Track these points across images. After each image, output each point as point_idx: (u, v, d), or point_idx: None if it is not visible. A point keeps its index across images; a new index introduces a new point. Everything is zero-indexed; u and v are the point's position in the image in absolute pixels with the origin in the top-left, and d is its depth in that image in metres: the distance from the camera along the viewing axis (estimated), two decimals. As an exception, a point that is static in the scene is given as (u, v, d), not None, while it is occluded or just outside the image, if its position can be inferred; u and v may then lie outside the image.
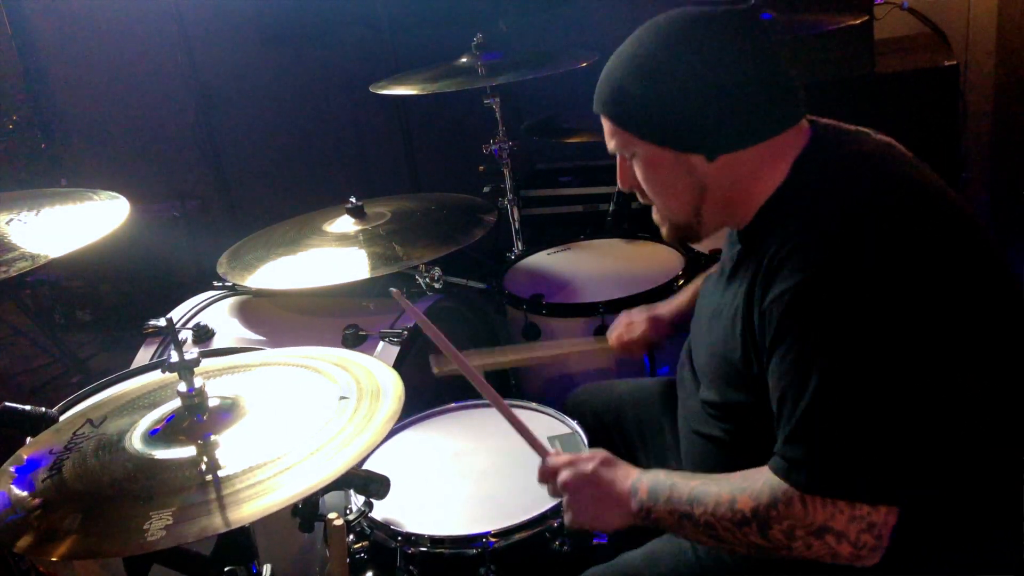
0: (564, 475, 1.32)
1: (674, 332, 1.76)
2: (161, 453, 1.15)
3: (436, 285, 2.31)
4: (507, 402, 1.84)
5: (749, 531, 1.12)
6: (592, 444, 1.65)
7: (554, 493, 1.35)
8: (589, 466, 1.31)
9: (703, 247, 2.39)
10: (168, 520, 1.01)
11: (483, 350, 1.94)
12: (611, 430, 1.73)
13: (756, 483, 1.13)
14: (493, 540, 1.43)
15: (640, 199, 1.33)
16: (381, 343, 1.94)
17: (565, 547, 1.45)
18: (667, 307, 1.80)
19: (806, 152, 1.20)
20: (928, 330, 1.05)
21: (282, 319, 2.24)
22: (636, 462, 1.64)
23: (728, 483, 1.17)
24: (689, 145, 1.20)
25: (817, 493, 1.07)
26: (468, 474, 1.63)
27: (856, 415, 1.04)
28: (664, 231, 1.34)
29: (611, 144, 1.29)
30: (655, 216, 1.34)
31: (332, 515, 1.22)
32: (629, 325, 1.79)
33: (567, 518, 1.32)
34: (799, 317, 1.07)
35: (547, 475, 1.36)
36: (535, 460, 1.61)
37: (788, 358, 1.08)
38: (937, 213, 1.13)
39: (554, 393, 2.24)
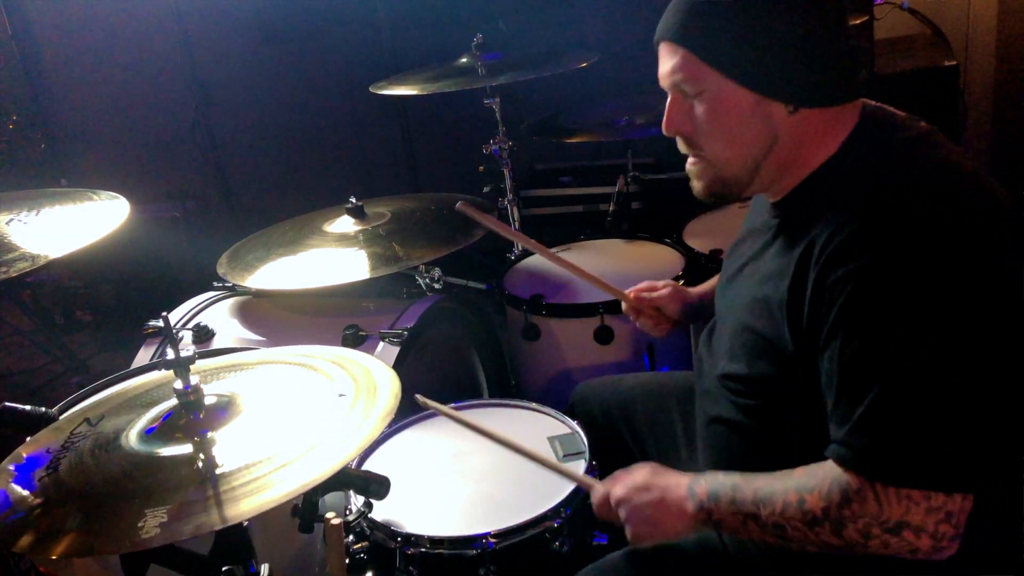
0: (617, 492, 1.30)
1: (694, 314, 1.71)
2: (158, 451, 1.15)
3: (436, 285, 2.31)
4: (507, 402, 1.85)
5: (822, 531, 1.10)
6: (598, 441, 1.65)
7: (615, 517, 1.31)
8: (639, 477, 1.30)
9: (703, 247, 2.40)
10: (163, 517, 1.01)
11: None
12: (619, 425, 1.72)
13: (823, 481, 1.10)
14: (493, 541, 1.42)
15: (683, 147, 1.25)
16: (381, 343, 1.94)
17: (565, 548, 1.45)
18: (695, 289, 1.74)
19: (857, 131, 1.18)
20: (985, 319, 1.04)
21: (282, 319, 2.24)
22: (646, 456, 1.64)
23: (793, 481, 1.14)
24: (776, 90, 1.14)
25: (891, 483, 1.04)
26: (468, 474, 1.63)
27: (927, 403, 1.03)
28: (700, 185, 1.26)
29: (676, 77, 1.19)
30: (693, 168, 1.26)
31: (331, 515, 1.22)
32: (652, 286, 1.73)
33: (629, 534, 1.29)
34: (865, 304, 1.05)
35: (602, 502, 1.33)
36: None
37: (851, 345, 1.06)
38: (988, 202, 1.12)
39: (554, 393, 2.24)
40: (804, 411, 1.16)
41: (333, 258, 2.01)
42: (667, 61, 1.20)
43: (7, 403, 1.47)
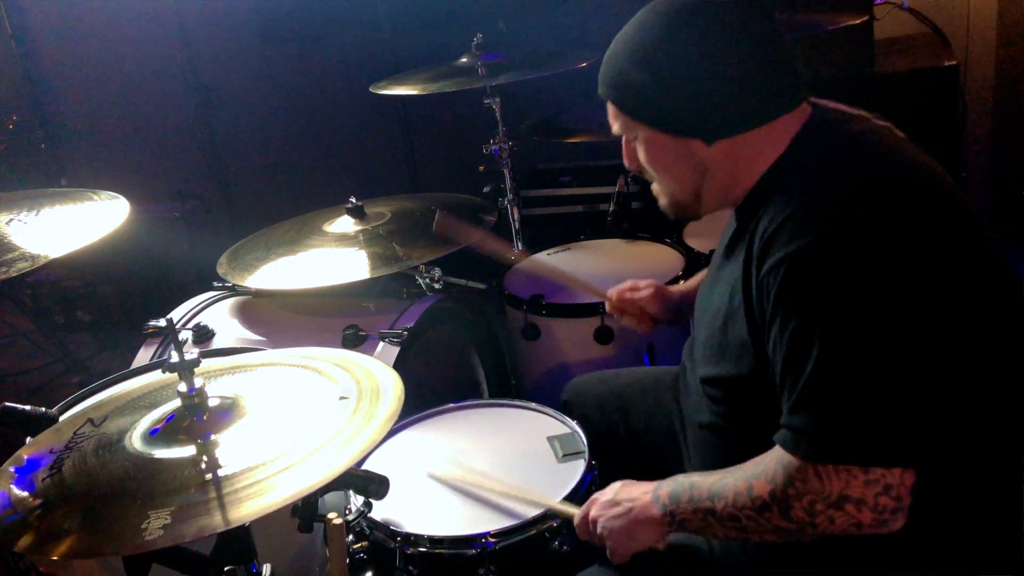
0: (592, 512, 1.35)
1: (677, 312, 1.74)
2: (161, 453, 1.15)
3: (436, 285, 2.31)
4: (507, 402, 1.85)
5: (771, 516, 1.12)
6: (593, 435, 1.65)
7: (596, 537, 1.35)
8: (609, 493, 1.34)
9: (703, 247, 2.40)
10: (166, 519, 1.01)
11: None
12: (615, 419, 1.72)
13: (768, 466, 1.13)
14: (492, 540, 1.43)
15: (645, 176, 1.35)
16: (381, 343, 1.94)
17: (564, 548, 1.45)
18: (677, 287, 1.79)
19: (803, 131, 1.21)
20: (921, 295, 1.05)
21: (282, 319, 2.24)
22: (642, 450, 1.65)
23: (742, 472, 1.17)
24: (688, 130, 1.22)
25: (828, 461, 1.07)
26: (468, 476, 1.63)
27: (858, 379, 1.05)
28: (663, 204, 1.36)
29: (615, 127, 1.31)
30: (655, 190, 1.36)
31: (331, 515, 1.22)
32: (634, 288, 1.78)
33: (610, 554, 1.32)
34: (797, 285, 1.08)
35: (582, 526, 1.38)
36: (535, 460, 1.62)
37: (788, 327, 1.09)
38: (929, 187, 1.14)
39: (554, 393, 2.24)
40: (775, 410, 1.16)
41: (333, 258, 2.01)
42: (608, 113, 1.31)
43: (7, 403, 1.47)
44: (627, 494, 1.31)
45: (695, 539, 1.36)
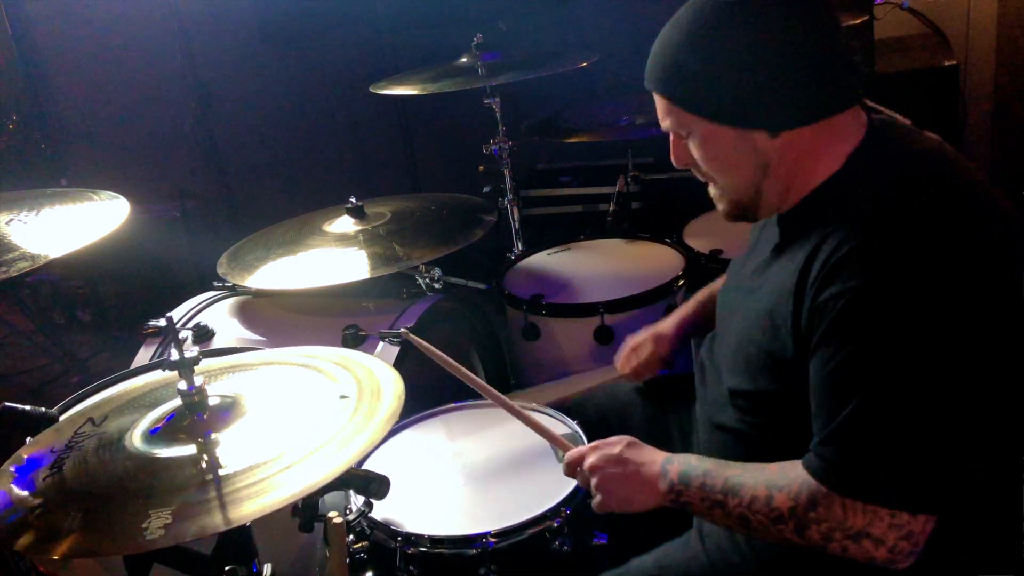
0: (591, 459, 1.33)
1: (680, 346, 1.74)
2: (161, 452, 1.15)
3: (436, 285, 2.31)
4: (506, 398, 1.85)
5: (784, 528, 1.12)
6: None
7: (583, 481, 1.35)
8: (616, 448, 1.32)
9: (703, 247, 2.40)
10: (167, 519, 1.01)
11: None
12: (616, 430, 1.72)
13: (793, 481, 1.12)
14: (493, 540, 1.42)
15: (697, 176, 1.29)
16: (381, 343, 1.94)
17: (565, 547, 1.45)
18: (669, 322, 1.76)
19: (863, 145, 1.18)
20: (979, 346, 1.04)
21: (282, 319, 2.24)
22: None
23: (764, 476, 1.16)
24: (752, 122, 1.16)
25: (857, 498, 1.06)
26: (468, 474, 1.63)
27: (904, 425, 1.04)
28: (722, 208, 1.30)
29: (665, 123, 1.24)
30: (712, 192, 1.30)
31: (332, 514, 1.22)
32: (635, 349, 1.76)
33: (595, 502, 1.32)
34: (855, 321, 1.05)
35: (573, 463, 1.36)
36: (535, 460, 1.62)
37: (837, 358, 1.07)
38: (993, 217, 1.12)
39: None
40: (807, 423, 1.16)
41: (333, 258, 2.01)
42: (658, 107, 1.25)
43: (7, 403, 1.47)
44: (635, 455, 1.30)
45: (694, 548, 1.37)
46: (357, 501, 1.52)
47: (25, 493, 1.12)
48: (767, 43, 1.12)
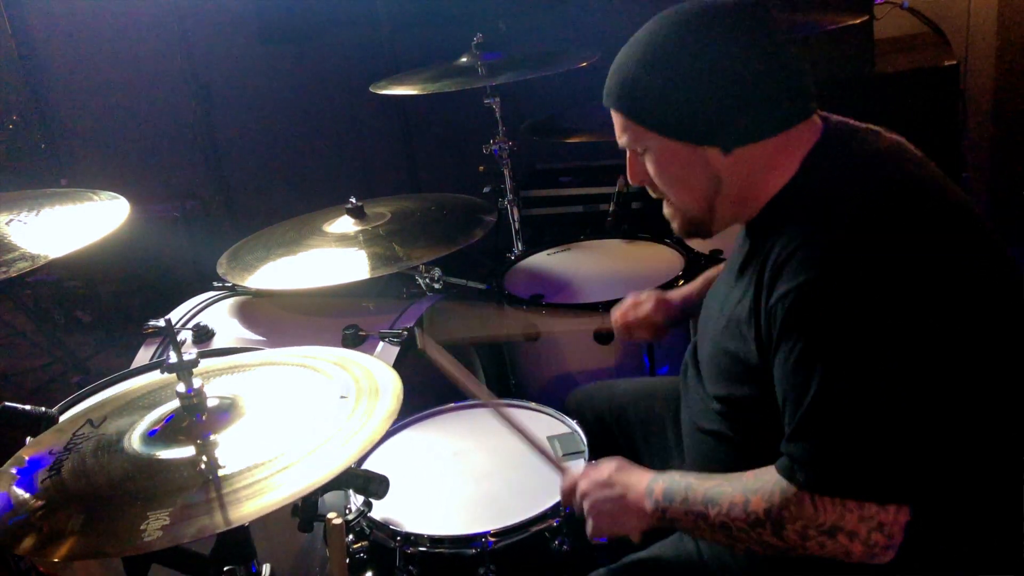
0: (582, 485, 1.34)
1: (681, 317, 1.74)
2: (160, 453, 1.15)
3: (436, 285, 2.31)
4: (507, 402, 1.85)
5: (763, 532, 1.13)
6: (593, 444, 1.65)
7: (578, 508, 1.36)
8: (604, 472, 1.33)
9: (703, 247, 2.40)
10: (165, 520, 1.01)
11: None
12: (613, 430, 1.73)
13: (767, 484, 1.13)
14: (492, 540, 1.43)
15: (652, 193, 1.32)
16: (381, 343, 1.94)
17: (564, 547, 1.45)
18: (676, 292, 1.78)
19: (816, 148, 1.19)
20: (930, 331, 1.04)
21: (282, 319, 2.24)
22: (639, 461, 1.64)
23: (741, 483, 1.17)
24: (705, 138, 1.18)
25: (823, 493, 1.07)
26: (468, 474, 1.63)
27: (859, 415, 1.04)
28: (675, 226, 1.32)
29: (622, 140, 1.27)
30: (666, 211, 1.32)
31: (331, 515, 1.22)
32: (636, 304, 1.77)
33: (589, 527, 1.33)
34: (802, 317, 1.07)
35: (568, 491, 1.38)
36: (535, 460, 1.62)
37: (792, 357, 1.08)
38: (943, 215, 1.13)
39: (554, 393, 2.24)
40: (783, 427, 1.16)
41: (333, 258, 2.01)
42: (615, 124, 1.27)
43: (7, 403, 1.47)
44: (623, 477, 1.31)
45: (687, 546, 1.37)
46: (357, 501, 1.52)
47: (26, 495, 1.12)
48: (719, 62, 1.15)
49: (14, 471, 1.19)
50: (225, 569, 1.18)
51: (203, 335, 2.12)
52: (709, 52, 1.15)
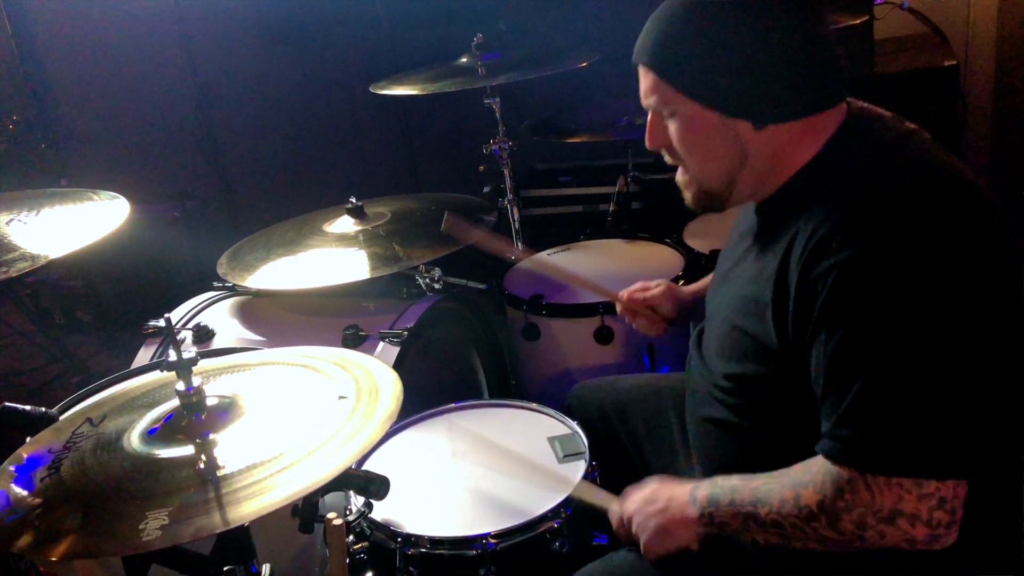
0: (628, 508, 1.34)
1: (688, 312, 1.72)
2: (159, 452, 1.15)
3: (436, 285, 2.31)
4: (507, 402, 1.85)
5: (818, 525, 1.11)
6: (595, 441, 1.65)
7: (631, 533, 1.34)
8: (647, 491, 1.33)
9: (703, 247, 2.40)
10: (164, 520, 1.01)
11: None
12: (615, 425, 1.72)
13: (817, 475, 1.11)
14: (493, 541, 1.42)
15: (668, 159, 1.29)
16: (381, 343, 1.94)
17: (565, 548, 1.45)
18: (688, 288, 1.76)
19: (841, 131, 1.19)
20: (970, 305, 1.04)
21: (282, 319, 2.24)
22: (642, 457, 1.65)
23: (789, 478, 1.15)
24: (739, 110, 1.17)
25: (880, 472, 1.05)
26: (468, 474, 1.63)
27: (912, 391, 1.03)
28: (688, 195, 1.30)
29: (649, 100, 1.24)
30: (680, 178, 1.30)
31: (331, 515, 1.22)
32: (645, 286, 1.75)
33: (644, 551, 1.31)
34: (848, 296, 1.06)
35: (618, 523, 1.37)
36: (535, 460, 1.62)
37: (835, 337, 1.07)
38: (969, 196, 1.13)
39: (554, 393, 2.24)
40: (793, 410, 1.16)
41: (333, 258, 2.01)
42: (643, 83, 1.24)
43: (7, 403, 1.47)
44: (665, 491, 1.30)
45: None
46: (357, 502, 1.52)
47: (24, 493, 1.12)
48: (765, 36, 1.13)
49: (12, 469, 1.19)
50: (225, 569, 1.18)
51: (203, 335, 2.12)
52: (756, 26, 1.13)
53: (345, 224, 2.13)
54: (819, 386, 1.11)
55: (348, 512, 1.50)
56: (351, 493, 1.53)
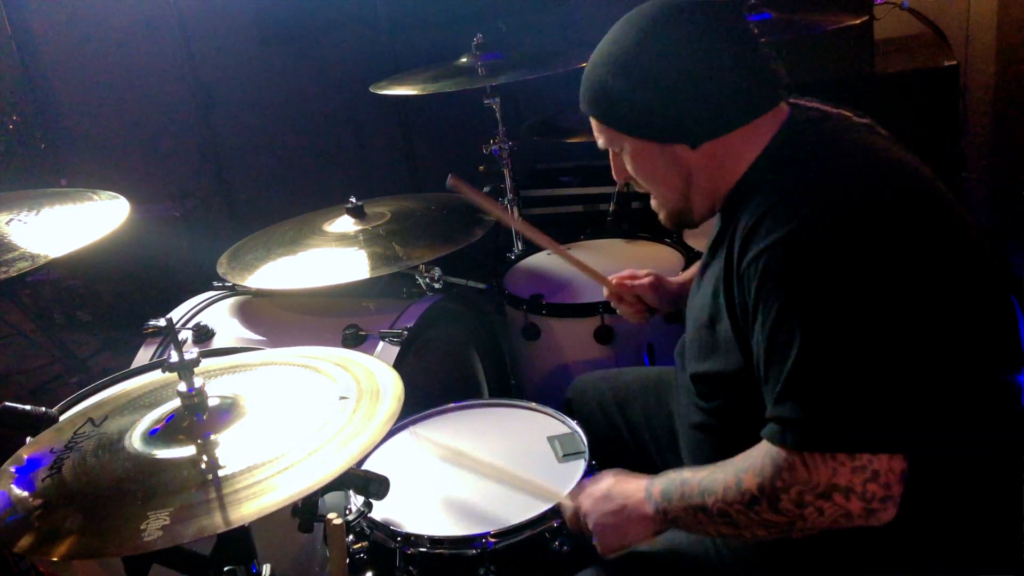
0: (583, 504, 1.34)
1: (674, 302, 1.74)
2: (161, 453, 1.15)
3: (436, 285, 2.31)
4: (507, 402, 1.85)
5: (761, 509, 1.12)
6: (595, 433, 1.65)
7: (585, 529, 1.34)
8: (602, 487, 1.33)
9: (703, 247, 2.39)
10: (165, 520, 1.01)
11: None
12: (616, 418, 1.73)
13: (756, 459, 1.13)
14: (492, 540, 1.42)
15: (637, 189, 1.36)
16: (381, 343, 1.94)
17: (565, 548, 1.45)
18: (675, 279, 1.79)
19: (781, 130, 1.22)
20: (898, 279, 1.06)
21: (282, 319, 2.24)
22: (643, 449, 1.66)
23: (732, 466, 1.17)
24: (671, 136, 1.23)
25: (815, 449, 1.06)
26: (468, 474, 1.63)
27: (841, 366, 1.05)
28: (662, 217, 1.38)
29: (600, 141, 1.33)
30: (653, 204, 1.37)
31: (331, 515, 1.22)
32: (633, 274, 1.77)
33: (598, 545, 1.32)
34: (776, 274, 1.08)
35: (572, 517, 1.37)
36: (535, 460, 1.62)
37: (770, 317, 1.09)
38: (903, 177, 1.15)
39: (554, 393, 2.24)
40: (762, 407, 1.16)
41: (333, 258, 2.01)
42: (593, 127, 1.32)
43: (7, 403, 1.47)
44: (620, 489, 1.30)
45: (696, 542, 1.36)
46: (357, 501, 1.52)
47: (25, 494, 1.12)
48: (684, 61, 1.18)
49: (13, 470, 1.19)
50: (225, 569, 1.18)
51: (203, 335, 2.12)
52: (668, 53, 1.18)
53: (345, 224, 2.13)
54: (760, 369, 1.13)
55: (348, 512, 1.50)
56: (351, 493, 1.53)
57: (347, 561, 1.38)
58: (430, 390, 1.95)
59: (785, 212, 1.10)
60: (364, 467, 1.66)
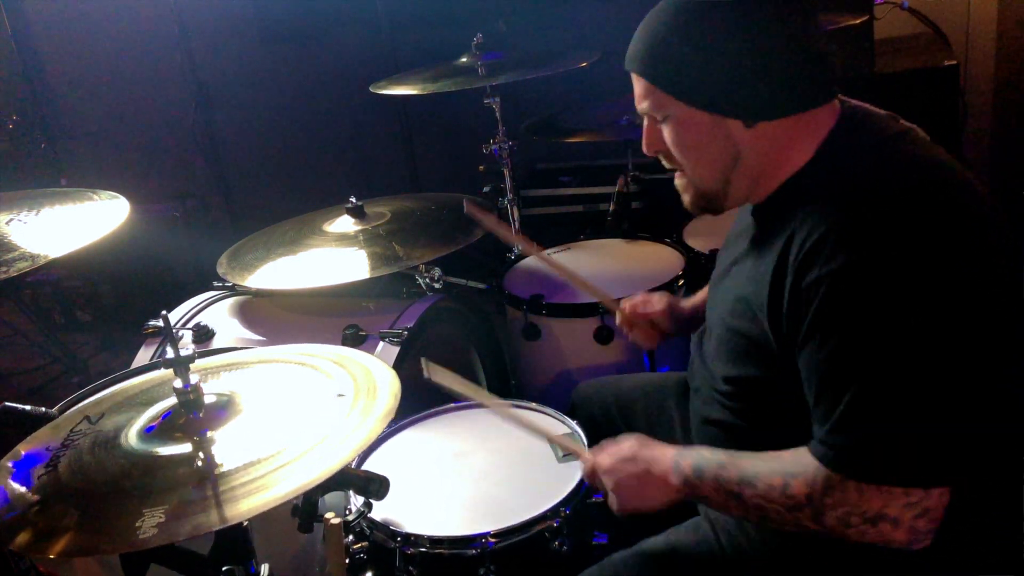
0: (603, 462, 1.34)
1: (687, 327, 1.72)
2: (157, 450, 1.15)
3: (436, 285, 2.31)
4: (509, 402, 1.85)
5: (802, 516, 1.12)
6: (598, 440, 1.65)
7: (602, 486, 1.35)
8: (626, 448, 1.33)
9: (703, 247, 2.40)
10: (160, 517, 1.01)
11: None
12: (619, 425, 1.72)
13: (809, 468, 1.12)
14: (492, 540, 1.42)
15: (665, 163, 1.31)
16: (381, 343, 1.94)
17: (565, 547, 1.45)
18: (687, 301, 1.76)
19: (834, 132, 1.19)
20: (966, 314, 1.04)
21: (282, 319, 2.24)
22: None
23: (779, 465, 1.16)
24: (729, 109, 1.17)
25: (871, 481, 1.06)
26: (468, 474, 1.63)
27: (902, 403, 1.04)
28: (687, 199, 1.31)
29: (642, 105, 1.25)
30: (678, 182, 1.31)
31: (330, 515, 1.22)
32: (646, 300, 1.75)
33: (613, 504, 1.32)
34: (840, 305, 1.06)
35: (590, 472, 1.37)
36: (535, 460, 1.62)
37: (828, 346, 1.07)
38: (964, 196, 1.12)
39: (554, 393, 2.24)
40: (793, 411, 1.16)
41: (333, 258, 2.01)
42: (636, 89, 1.25)
43: (7, 403, 1.47)
44: (647, 452, 1.30)
45: (704, 531, 1.37)
46: (357, 501, 1.52)
47: (22, 490, 1.12)
48: (752, 34, 1.14)
49: (10, 465, 1.19)
50: (224, 569, 1.18)
51: (203, 335, 2.12)
52: (742, 24, 1.14)
53: (345, 224, 2.13)
54: (811, 391, 1.12)
55: (347, 512, 1.49)
56: (350, 493, 1.53)
57: (346, 561, 1.38)
58: (430, 390, 1.95)
59: (852, 235, 1.06)
60: (364, 467, 1.66)
